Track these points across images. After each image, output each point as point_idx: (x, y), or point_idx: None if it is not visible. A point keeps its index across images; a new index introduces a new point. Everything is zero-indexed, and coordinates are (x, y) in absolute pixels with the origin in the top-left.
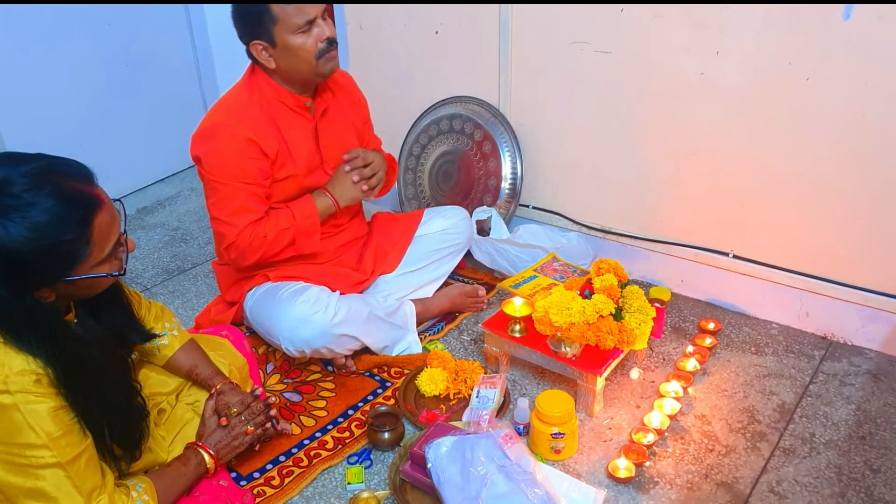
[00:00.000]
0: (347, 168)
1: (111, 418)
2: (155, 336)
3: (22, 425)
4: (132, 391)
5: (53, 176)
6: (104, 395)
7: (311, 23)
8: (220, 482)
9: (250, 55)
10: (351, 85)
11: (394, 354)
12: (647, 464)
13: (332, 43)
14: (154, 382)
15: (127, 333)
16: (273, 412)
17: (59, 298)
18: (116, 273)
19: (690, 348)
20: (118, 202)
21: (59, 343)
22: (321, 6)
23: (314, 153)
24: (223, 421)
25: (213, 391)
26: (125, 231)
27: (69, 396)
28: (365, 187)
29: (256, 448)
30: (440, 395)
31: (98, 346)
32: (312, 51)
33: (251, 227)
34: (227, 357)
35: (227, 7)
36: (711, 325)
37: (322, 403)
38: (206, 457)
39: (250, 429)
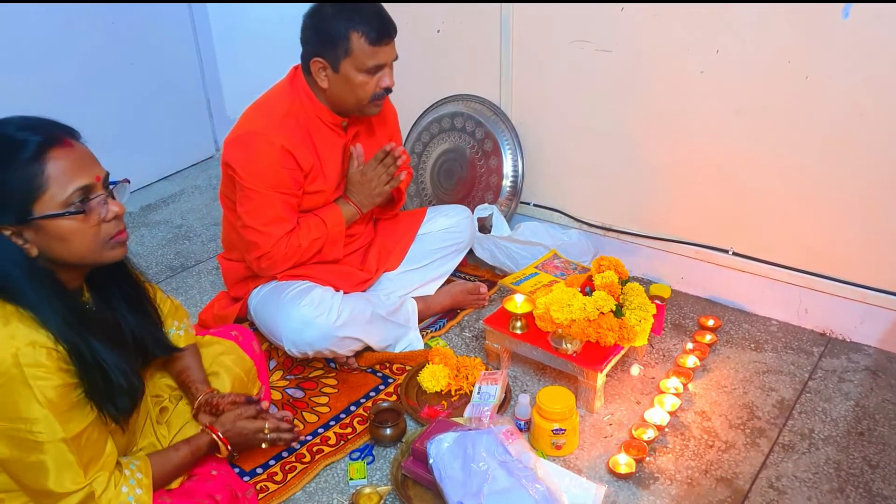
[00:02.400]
0: (357, 166)
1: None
2: (178, 350)
3: (30, 400)
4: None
5: (20, 117)
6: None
7: (379, 67)
8: (214, 472)
9: (306, 66)
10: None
11: (396, 351)
12: (648, 459)
13: (387, 91)
14: (158, 380)
15: (150, 346)
16: (294, 442)
17: (61, 269)
18: (75, 212)
19: (690, 345)
20: (125, 182)
21: (63, 310)
22: (394, 54)
23: (341, 171)
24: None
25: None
26: (111, 194)
27: (77, 364)
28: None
29: (263, 447)
30: (442, 391)
31: (105, 325)
32: (369, 92)
33: (286, 238)
34: (235, 360)
35: (230, 7)
36: (711, 322)
37: (324, 400)
38: (219, 442)
39: (263, 446)
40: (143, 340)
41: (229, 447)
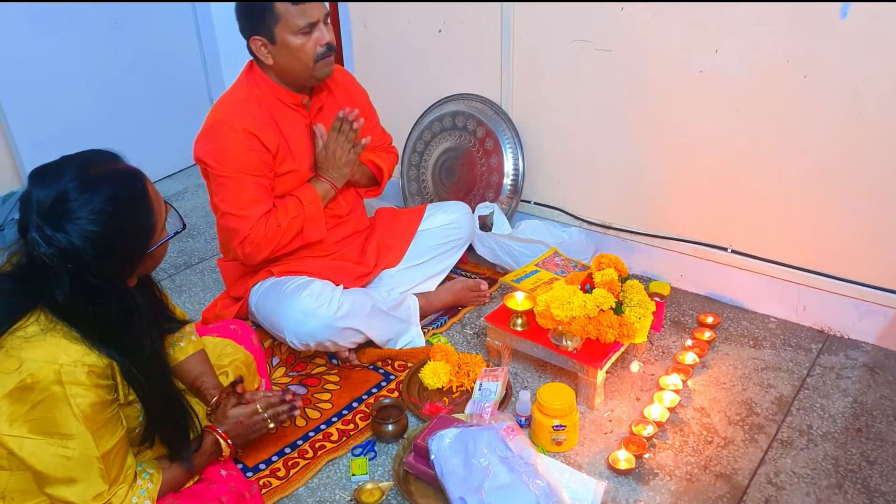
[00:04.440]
0: (322, 144)
1: (166, 406)
2: (186, 322)
3: (69, 417)
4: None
5: (94, 168)
6: (164, 383)
7: (312, 25)
8: (223, 472)
9: (249, 50)
10: (350, 82)
11: (397, 348)
12: (647, 455)
13: (330, 48)
14: None
15: (163, 322)
16: (296, 413)
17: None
18: (181, 228)
19: (689, 342)
20: None
21: (134, 333)
22: (324, 10)
23: (312, 151)
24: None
25: (229, 392)
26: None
27: (132, 386)
28: (351, 147)
29: (271, 427)
30: (443, 387)
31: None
32: (311, 53)
33: (265, 218)
34: (234, 354)
35: (234, 6)
36: (710, 319)
37: (327, 396)
38: (220, 439)
39: (271, 426)
40: (157, 317)
41: (229, 442)
